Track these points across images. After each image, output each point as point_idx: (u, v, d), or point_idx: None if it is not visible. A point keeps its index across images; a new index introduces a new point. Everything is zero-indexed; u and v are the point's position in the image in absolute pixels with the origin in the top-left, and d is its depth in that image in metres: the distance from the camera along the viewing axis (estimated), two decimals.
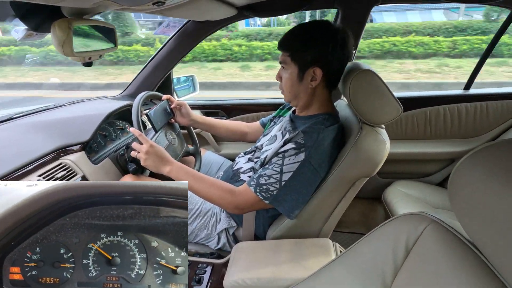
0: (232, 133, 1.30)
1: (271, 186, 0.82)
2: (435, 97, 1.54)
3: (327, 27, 0.84)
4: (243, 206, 0.87)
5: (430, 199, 1.37)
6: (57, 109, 1.28)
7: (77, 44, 0.82)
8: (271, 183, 0.82)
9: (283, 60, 0.88)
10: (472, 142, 1.51)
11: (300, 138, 0.83)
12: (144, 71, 1.55)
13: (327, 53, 0.83)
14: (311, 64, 0.84)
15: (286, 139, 0.86)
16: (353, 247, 0.58)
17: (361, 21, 1.32)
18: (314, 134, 0.83)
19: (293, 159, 0.82)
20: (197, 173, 0.92)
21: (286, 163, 0.82)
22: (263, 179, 0.84)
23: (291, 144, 0.83)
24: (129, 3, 0.76)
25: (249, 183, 0.86)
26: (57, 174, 0.90)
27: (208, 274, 0.95)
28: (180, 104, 1.23)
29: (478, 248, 0.42)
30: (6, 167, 0.81)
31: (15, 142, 0.94)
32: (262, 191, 0.83)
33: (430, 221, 0.49)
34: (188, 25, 1.43)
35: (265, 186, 0.83)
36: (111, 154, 1.17)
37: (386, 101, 0.80)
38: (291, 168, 0.81)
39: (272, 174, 0.83)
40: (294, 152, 0.82)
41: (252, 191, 0.84)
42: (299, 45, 0.85)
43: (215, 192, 0.87)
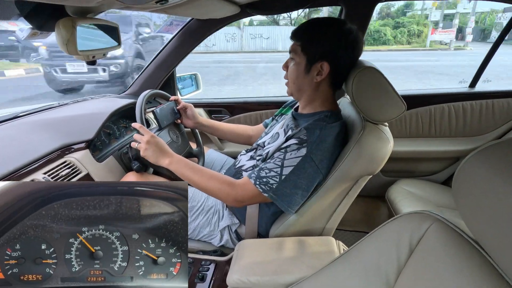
0: (238, 136, 1.31)
1: (271, 179, 0.83)
2: (440, 95, 1.52)
3: (342, 25, 0.85)
4: (242, 198, 0.86)
5: (434, 197, 1.36)
6: (61, 108, 1.29)
7: (81, 43, 0.83)
8: (271, 176, 0.83)
9: (294, 49, 0.88)
10: (477, 141, 1.50)
11: (302, 134, 0.83)
12: (148, 69, 1.55)
13: (338, 50, 0.84)
14: (320, 58, 0.85)
15: (289, 135, 0.87)
16: (356, 245, 0.58)
17: (364, 19, 1.31)
18: (317, 130, 0.83)
19: (295, 153, 0.82)
20: (197, 166, 0.92)
21: (288, 157, 0.82)
22: (264, 172, 0.84)
23: (293, 140, 0.84)
24: (133, 1, 0.76)
25: (250, 175, 0.87)
26: (61, 172, 0.91)
27: (211, 272, 0.96)
28: (186, 106, 1.24)
29: (483, 247, 0.42)
30: (12, 165, 0.82)
31: (20, 140, 0.95)
32: (262, 183, 0.83)
33: (434, 220, 0.49)
34: (191, 24, 1.43)
35: (265, 178, 0.83)
36: (115, 152, 1.17)
37: (390, 98, 0.80)
38: (292, 162, 0.82)
39: (273, 168, 0.83)
40: (296, 147, 0.82)
41: (251, 183, 0.84)
42: (313, 36, 0.85)
43: (214, 184, 0.87)
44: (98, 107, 1.29)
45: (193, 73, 1.78)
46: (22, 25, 0.82)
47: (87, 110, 1.25)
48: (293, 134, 0.85)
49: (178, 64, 1.55)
